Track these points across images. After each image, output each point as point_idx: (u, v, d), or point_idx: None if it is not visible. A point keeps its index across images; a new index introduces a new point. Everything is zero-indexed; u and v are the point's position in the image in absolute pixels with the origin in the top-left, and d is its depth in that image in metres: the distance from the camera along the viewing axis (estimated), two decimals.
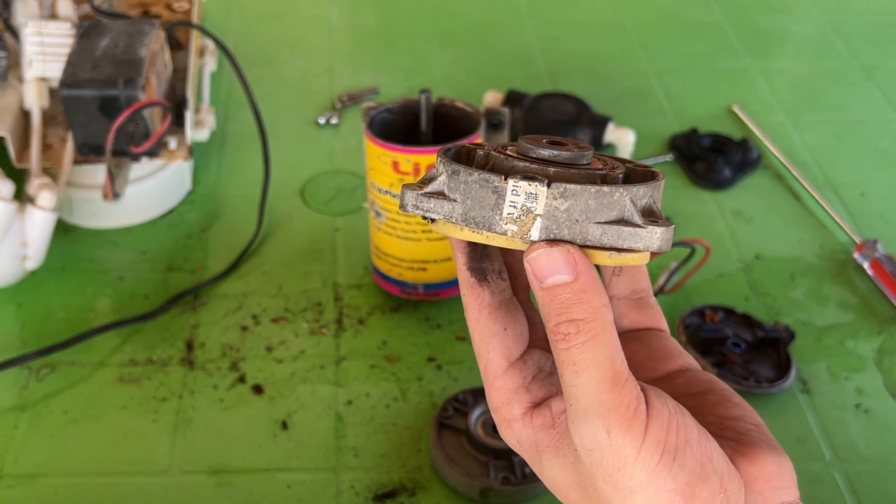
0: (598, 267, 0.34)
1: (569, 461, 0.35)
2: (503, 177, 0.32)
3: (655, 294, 0.75)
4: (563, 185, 0.32)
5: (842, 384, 0.71)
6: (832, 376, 0.71)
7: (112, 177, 0.70)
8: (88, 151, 0.72)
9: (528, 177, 0.32)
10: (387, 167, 0.67)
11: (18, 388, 0.67)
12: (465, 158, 0.36)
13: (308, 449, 0.64)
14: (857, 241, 0.81)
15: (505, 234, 0.33)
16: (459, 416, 0.64)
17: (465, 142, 0.60)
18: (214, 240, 0.81)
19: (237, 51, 1.01)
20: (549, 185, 0.32)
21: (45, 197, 0.70)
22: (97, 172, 0.78)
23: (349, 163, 0.90)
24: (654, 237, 0.33)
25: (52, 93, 0.75)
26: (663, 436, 0.32)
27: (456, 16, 1.13)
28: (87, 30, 0.74)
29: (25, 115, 0.76)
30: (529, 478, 0.60)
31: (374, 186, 0.69)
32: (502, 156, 0.34)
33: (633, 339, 0.42)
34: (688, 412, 0.34)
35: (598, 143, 0.90)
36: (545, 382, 0.37)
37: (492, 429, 0.63)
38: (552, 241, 0.33)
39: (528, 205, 0.32)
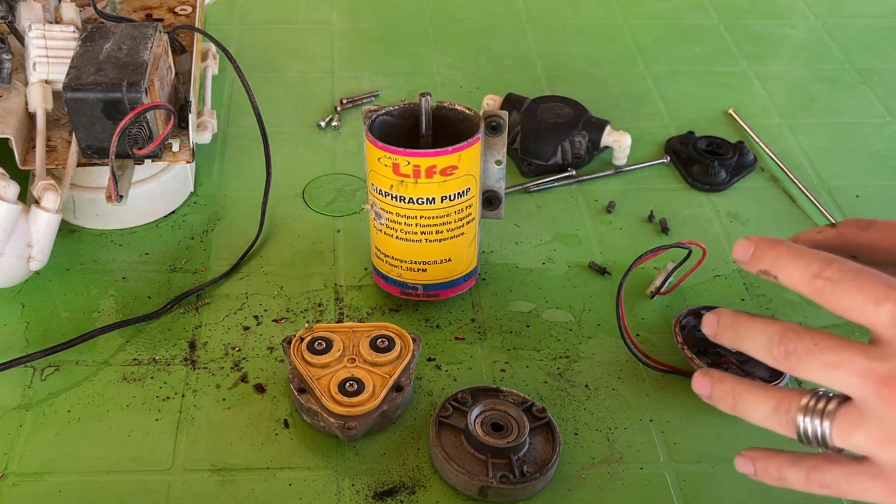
0: None
1: None
2: None
3: (652, 295, 0.77)
4: None
5: None
6: None
7: (115, 179, 0.70)
8: (92, 154, 0.73)
9: None
10: (387, 169, 0.68)
11: (23, 387, 0.68)
12: None
13: (309, 447, 0.65)
14: None
15: None
16: (458, 415, 0.65)
17: None
18: (217, 241, 0.82)
19: (239, 54, 1.02)
20: None
21: (50, 198, 0.71)
22: (101, 174, 0.79)
23: (350, 165, 0.91)
24: None
25: (57, 95, 0.75)
26: None
27: (455, 20, 1.14)
28: (90, 33, 0.74)
29: (30, 118, 0.76)
30: (528, 476, 0.61)
31: (374, 188, 0.70)
32: None
33: None
34: None
35: (595, 146, 0.91)
36: None
37: (491, 428, 0.63)
38: None
39: None
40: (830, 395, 0.41)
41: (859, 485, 0.41)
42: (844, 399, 0.41)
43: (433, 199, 0.69)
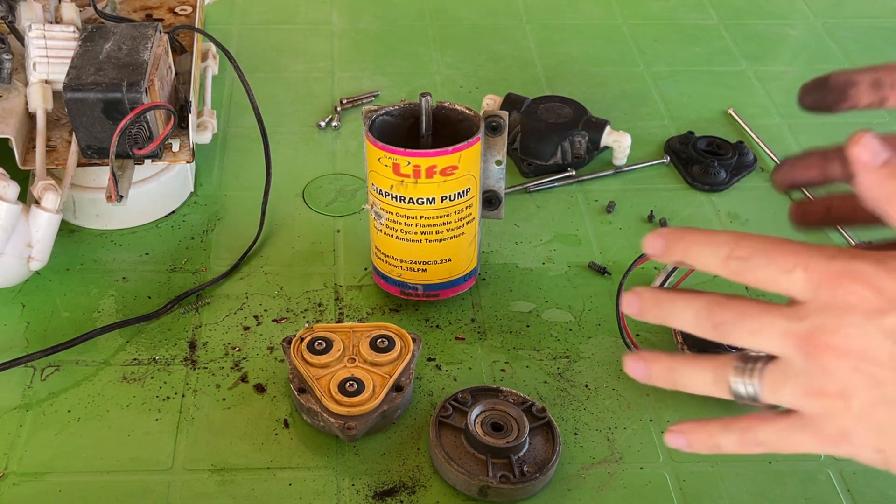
0: None
1: None
2: None
3: None
4: None
5: None
6: None
7: (115, 179, 0.70)
8: (92, 154, 0.73)
9: None
10: (387, 169, 0.68)
11: (23, 387, 0.68)
12: None
13: (309, 447, 0.65)
14: (853, 242, 0.82)
15: None
16: (458, 414, 0.65)
17: None
18: (217, 241, 0.82)
19: (239, 54, 1.02)
20: None
21: (50, 198, 0.71)
22: (101, 174, 0.79)
23: (350, 165, 0.91)
24: None
25: (57, 95, 0.75)
26: None
27: (455, 20, 1.14)
28: (90, 33, 0.74)
29: (30, 118, 0.76)
30: (528, 476, 0.61)
31: (374, 188, 0.70)
32: None
33: None
34: None
35: (595, 145, 0.91)
36: None
37: (491, 428, 0.63)
38: None
39: None
40: (758, 355, 0.43)
41: (790, 438, 0.43)
42: (771, 358, 0.43)
43: (433, 199, 0.69)
